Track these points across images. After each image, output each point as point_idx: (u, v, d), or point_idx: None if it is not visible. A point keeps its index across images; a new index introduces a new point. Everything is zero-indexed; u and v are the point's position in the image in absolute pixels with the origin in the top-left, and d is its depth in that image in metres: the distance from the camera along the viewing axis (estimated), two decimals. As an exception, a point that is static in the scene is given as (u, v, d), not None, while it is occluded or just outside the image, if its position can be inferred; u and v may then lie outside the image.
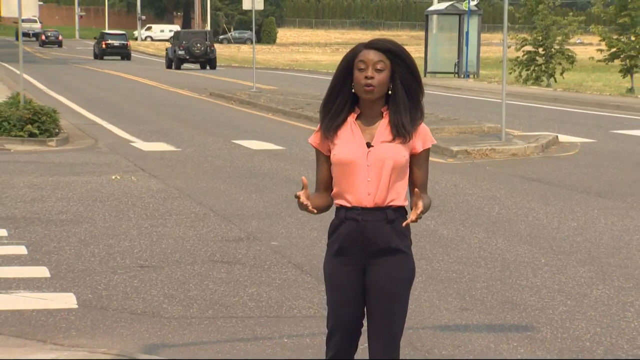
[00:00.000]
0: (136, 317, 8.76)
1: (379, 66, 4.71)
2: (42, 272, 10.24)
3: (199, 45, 61.29)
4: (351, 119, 4.83)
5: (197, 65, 63.22)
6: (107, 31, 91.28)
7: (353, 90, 4.80)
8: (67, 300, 9.19)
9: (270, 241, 11.55)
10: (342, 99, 4.83)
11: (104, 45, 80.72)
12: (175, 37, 65.71)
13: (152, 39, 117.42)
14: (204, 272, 10.36)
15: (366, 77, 4.70)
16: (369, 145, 4.77)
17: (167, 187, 15.90)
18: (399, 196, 4.80)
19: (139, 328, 8.40)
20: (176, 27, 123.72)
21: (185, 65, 62.68)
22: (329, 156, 4.86)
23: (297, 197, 4.70)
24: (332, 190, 4.91)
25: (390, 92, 4.78)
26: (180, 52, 61.66)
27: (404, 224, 4.73)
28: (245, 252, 11.16)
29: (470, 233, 12.43)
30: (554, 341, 8.22)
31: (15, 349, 7.47)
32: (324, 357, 5.07)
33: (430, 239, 11.82)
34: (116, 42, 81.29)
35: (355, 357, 5.11)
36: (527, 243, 12.01)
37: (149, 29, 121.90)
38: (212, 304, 9.21)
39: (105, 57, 78.18)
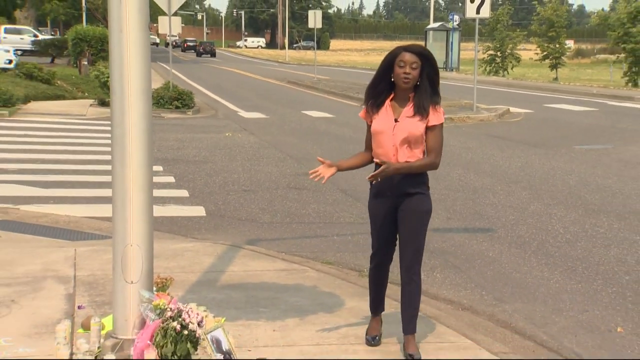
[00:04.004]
0: (241, 222, 8.84)
1: (414, 65, 4.45)
2: (183, 193, 10.37)
3: (208, 47, 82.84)
4: (388, 101, 4.59)
5: (209, 55, 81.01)
6: (187, 38, 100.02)
7: (392, 80, 4.54)
8: (199, 211, 9.32)
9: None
10: (382, 86, 4.59)
11: (185, 45, 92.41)
12: (200, 43, 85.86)
13: (246, 47, 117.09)
14: (283, 194, 10.42)
15: (405, 73, 4.46)
16: (396, 120, 4.52)
17: (261, 141, 15.94)
18: (417, 156, 4.51)
19: (243, 229, 8.50)
20: (262, 40, 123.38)
21: (204, 55, 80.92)
22: (371, 126, 4.64)
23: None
24: (372, 149, 4.66)
25: (418, 83, 4.53)
26: (200, 50, 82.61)
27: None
28: (309, 182, 11.18)
29: (452, 170, 12.36)
30: (505, 238, 8.20)
31: (168, 240, 7.57)
32: (367, 263, 4.93)
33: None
34: (191, 44, 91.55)
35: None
36: (489, 176, 11.94)
37: (245, 40, 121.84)
38: (289, 214, 9.27)
39: (186, 51, 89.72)
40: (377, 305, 4.91)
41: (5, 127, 16.93)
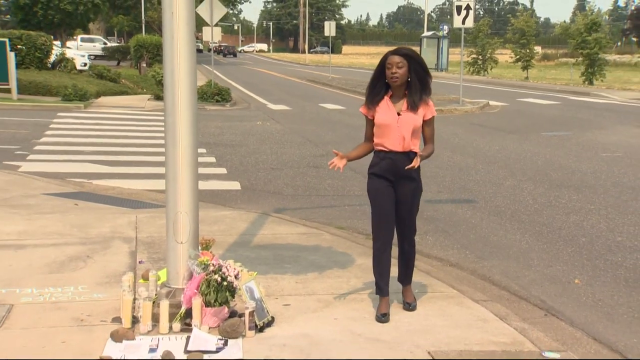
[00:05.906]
0: (270, 194, 8.82)
1: (399, 65, 4.30)
2: (222, 171, 10.35)
3: (231, 49, 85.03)
4: (387, 98, 4.40)
5: (231, 56, 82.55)
6: (222, 43, 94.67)
7: (387, 80, 4.38)
8: (235, 186, 9.30)
9: (338, 156, 11.51)
10: (379, 86, 4.41)
11: (219, 49, 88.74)
12: (224, 47, 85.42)
13: (244, 51, 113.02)
14: (304, 171, 10.38)
15: (392, 73, 4.31)
16: (398, 114, 4.35)
17: (285, 128, 15.88)
18: (416, 146, 4.37)
19: (271, 200, 8.47)
20: (256, 45, 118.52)
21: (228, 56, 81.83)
22: (372, 120, 4.43)
23: (332, 164, 4.40)
24: (372, 141, 4.46)
25: (409, 79, 4.36)
26: (225, 52, 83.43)
27: (406, 167, 4.22)
28: (325, 162, 11.13)
29: (442, 153, 12.25)
30: (485, 208, 8.13)
31: (210, 208, 7.57)
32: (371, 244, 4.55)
33: (421, 155, 11.69)
34: (222, 47, 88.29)
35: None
36: (472, 157, 11.84)
37: (260, 45, 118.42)
38: (308, 188, 9.24)
39: (218, 54, 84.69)
40: (382, 287, 4.48)
41: (81, 117, 17.00)
